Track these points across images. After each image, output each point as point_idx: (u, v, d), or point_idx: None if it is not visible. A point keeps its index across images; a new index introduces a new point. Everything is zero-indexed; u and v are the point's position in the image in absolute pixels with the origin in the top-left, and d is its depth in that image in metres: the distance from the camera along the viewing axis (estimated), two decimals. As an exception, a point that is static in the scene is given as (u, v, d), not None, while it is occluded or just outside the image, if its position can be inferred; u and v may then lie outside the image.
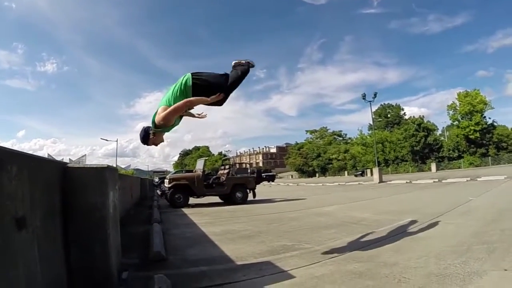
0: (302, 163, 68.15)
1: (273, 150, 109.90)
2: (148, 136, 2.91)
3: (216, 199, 12.51)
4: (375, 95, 29.80)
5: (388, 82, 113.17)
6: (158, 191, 18.74)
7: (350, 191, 16.64)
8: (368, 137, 53.28)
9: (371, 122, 41.22)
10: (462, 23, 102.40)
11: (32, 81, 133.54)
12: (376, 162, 30.87)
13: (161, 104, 2.90)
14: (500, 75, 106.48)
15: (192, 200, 11.52)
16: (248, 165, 14.59)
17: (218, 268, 3.29)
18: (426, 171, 39.75)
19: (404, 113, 58.14)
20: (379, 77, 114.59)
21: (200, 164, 12.52)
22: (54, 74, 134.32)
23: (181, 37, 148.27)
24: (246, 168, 13.60)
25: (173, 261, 3.63)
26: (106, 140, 45.86)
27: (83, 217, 2.13)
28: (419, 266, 2.94)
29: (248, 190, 12.24)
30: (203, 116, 3.54)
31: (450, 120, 46.18)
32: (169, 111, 2.77)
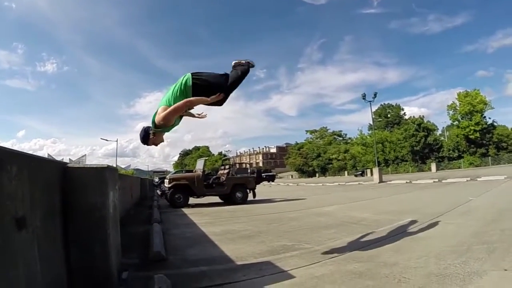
0: (302, 163, 68.15)
1: (273, 150, 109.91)
2: (148, 136, 2.91)
3: (216, 199, 12.51)
4: (375, 95, 29.85)
5: (388, 82, 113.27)
6: (158, 191, 18.74)
7: (350, 191, 16.64)
8: (368, 137, 53.29)
9: (371, 122, 41.27)
10: (462, 23, 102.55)
11: (32, 81, 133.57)
12: (376, 162, 30.88)
13: (161, 104, 2.90)
14: (500, 75, 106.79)
15: (192, 200, 11.53)
16: (248, 165, 14.57)
17: (218, 268, 3.29)
18: (426, 171, 39.75)
19: (404, 113, 58.24)
20: (379, 77, 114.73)
21: (200, 164, 12.52)
22: (54, 74, 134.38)
23: (181, 37, 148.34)
24: (246, 168, 13.60)
25: (173, 261, 3.63)
26: (106, 140, 45.91)
27: (83, 217, 2.13)
28: (419, 266, 2.94)
29: (248, 190, 12.24)
30: (203, 116, 3.54)
31: (450, 120, 46.27)
32: (169, 111, 2.76)
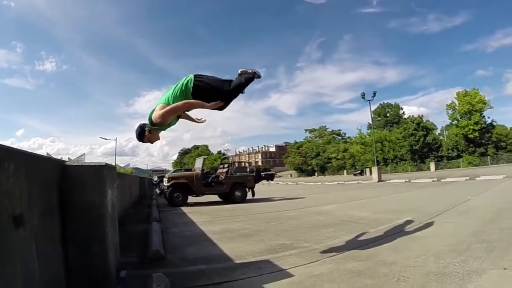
0: (301, 162, 68.15)
1: (272, 149, 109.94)
2: (144, 133, 2.90)
3: (215, 198, 12.51)
4: (374, 94, 29.78)
5: (387, 81, 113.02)
6: (157, 190, 18.76)
7: (349, 190, 16.66)
8: (367, 136, 53.28)
9: (370, 121, 41.33)
10: (461, 22, 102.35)
11: (31, 80, 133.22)
12: (375, 161, 30.89)
13: (159, 102, 2.89)
14: (499, 75, 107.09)
15: (191, 199, 11.53)
16: (247, 164, 14.52)
17: (216, 266, 3.28)
18: (425, 170, 39.78)
19: (403, 112, 58.18)
20: (379, 76, 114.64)
21: (199, 163, 12.52)
22: (53, 73, 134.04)
23: (181, 36, 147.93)
24: (245, 167, 13.57)
25: (171, 259, 3.62)
26: (105, 139, 45.48)
27: (81, 215, 2.12)
28: (418, 265, 2.94)
29: (247, 189, 12.24)
30: (202, 121, 3.50)
31: (449, 119, 46.22)
32: (166, 110, 2.75)
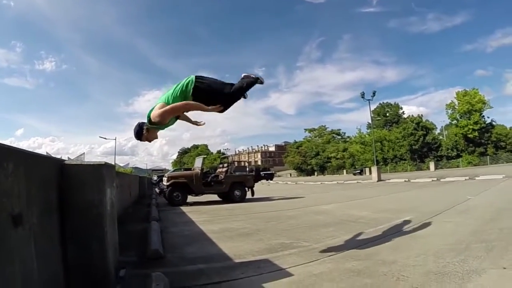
0: (301, 161, 68.18)
1: (271, 149, 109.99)
2: (142, 131, 2.89)
3: (215, 197, 12.51)
4: (374, 93, 29.76)
5: (387, 81, 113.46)
6: (157, 189, 18.77)
7: (349, 190, 16.67)
8: (366, 135, 53.30)
9: (370, 121, 41.25)
10: (461, 22, 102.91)
11: (31, 79, 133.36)
12: (375, 160, 30.87)
13: (159, 101, 2.89)
14: (499, 75, 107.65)
15: (190, 198, 11.52)
16: (246, 163, 14.51)
17: (216, 266, 3.28)
18: (424, 170, 39.84)
19: (403, 112, 58.27)
20: (378, 75, 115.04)
21: (198, 162, 12.51)
22: (53, 73, 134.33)
23: (180, 35, 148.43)
24: (244, 166, 13.56)
25: (171, 259, 3.62)
26: (105, 138, 45.39)
27: (80, 214, 2.11)
28: (417, 264, 2.93)
29: (246, 189, 12.22)
30: (201, 125, 3.49)
31: (448, 119, 46.33)
32: (165, 110, 2.75)
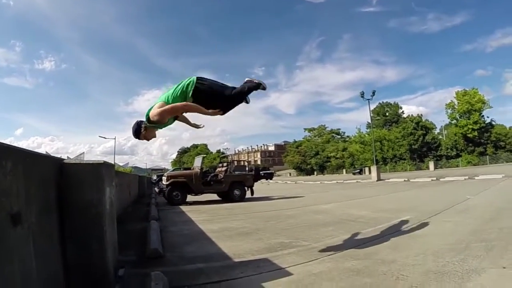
0: (300, 161, 68.18)
1: (271, 148, 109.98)
2: (140, 129, 2.90)
3: (214, 197, 12.51)
4: (374, 93, 29.72)
5: (386, 81, 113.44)
6: (156, 189, 18.78)
7: (348, 189, 16.67)
8: (366, 135, 53.34)
9: (370, 121, 41.28)
10: (461, 22, 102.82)
11: (30, 79, 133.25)
12: (374, 160, 30.85)
13: (159, 100, 2.89)
14: (499, 74, 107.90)
15: (190, 198, 11.52)
16: (246, 163, 14.45)
17: (215, 265, 3.28)
18: (424, 169, 39.87)
19: (403, 111, 58.27)
20: (378, 75, 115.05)
21: (198, 162, 12.51)
22: (52, 72, 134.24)
23: (180, 35, 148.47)
24: (244, 165, 13.53)
25: (170, 258, 3.62)
26: (104, 138, 45.42)
27: (79, 213, 2.11)
28: (417, 263, 2.93)
29: (246, 188, 12.23)
30: (200, 127, 3.48)
31: (448, 118, 46.39)
32: (164, 109, 2.75)
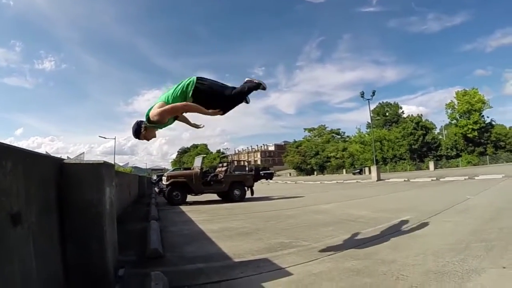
0: (300, 161, 68.17)
1: (271, 148, 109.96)
2: (140, 129, 2.90)
3: (214, 197, 12.51)
4: (374, 93, 29.71)
5: (386, 81, 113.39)
6: (156, 189, 18.78)
7: (348, 189, 16.67)
8: (366, 135, 53.33)
9: (370, 121, 41.27)
10: (461, 22, 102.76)
11: (30, 78, 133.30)
12: (374, 160, 30.84)
13: (159, 100, 2.89)
14: (499, 74, 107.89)
15: (190, 198, 11.52)
16: (246, 162, 14.42)
17: (215, 265, 3.28)
18: (424, 169, 39.86)
19: (403, 111, 58.25)
20: (378, 75, 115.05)
21: (198, 162, 12.50)
22: (52, 72, 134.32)
23: (180, 35, 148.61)
24: (244, 165, 13.53)
25: (170, 258, 3.62)
26: (104, 137, 45.45)
27: (79, 213, 2.11)
28: (417, 263, 2.93)
29: (246, 188, 12.22)
30: (200, 128, 3.47)
31: (448, 118, 46.39)
32: (164, 109, 2.75)
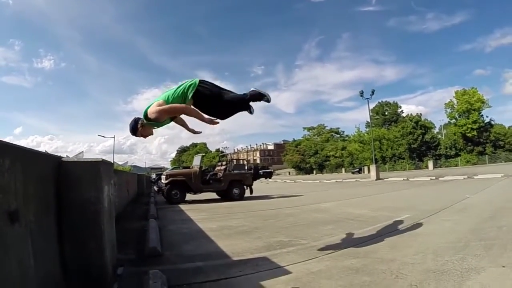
0: (300, 160, 68.17)
1: (270, 147, 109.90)
2: (137, 126, 2.89)
3: (213, 195, 12.51)
4: (373, 92, 29.63)
5: (385, 80, 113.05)
6: (155, 188, 18.75)
7: (347, 188, 16.68)
8: (365, 134, 53.28)
9: (369, 120, 41.25)
10: (460, 21, 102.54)
11: (29, 77, 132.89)
12: (373, 159, 30.91)
13: (159, 98, 2.88)
14: (498, 74, 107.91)
15: (189, 196, 11.51)
16: (245, 161, 14.38)
17: (214, 263, 3.28)
18: (423, 168, 39.91)
19: (402, 110, 58.21)
20: (377, 74, 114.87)
21: (197, 160, 12.50)
22: (51, 71, 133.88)
23: (180, 34, 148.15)
24: (243, 164, 13.51)
25: (169, 256, 3.61)
26: (104, 136, 45.63)
27: (77, 211, 2.10)
28: (416, 262, 2.93)
29: (245, 187, 12.22)
30: (198, 133, 3.46)
31: (447, 118, 46.43)
32: (163, 108, 2.74)
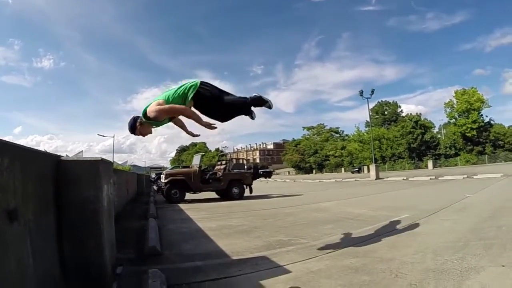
0: (299, 159, 68.20)
1: (270, 147, 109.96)
2: (135, 125, 2.90)
3: (213, 195, 12.51)
4: (373, 92, 29.62)
5: (385, 79, 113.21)
6: (155, 187, 18.73)
7: (347, 188, 16.69)
8: (365, 134, 53.30)
9: (368, 119, 41.28)
10: (460, 21, 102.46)
11: (29, 77, 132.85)
12: (373, 159, 30.95)
13: (159, 97, 2.88)
14: (498, 74, 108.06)
15: (188, 196, 11.51)
16: (245, 161, 14.38)
17: (213, 263, 3.27)
18: (422, 168, 40.01)
19: (401, 110, 58.28)
20: (377, 74, 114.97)
21: (196, 160, 12.50)
22: (51, 70, 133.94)
23: (179, 33, 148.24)
24: (242, 163, 13.50)
25: (168, 256, 3.61)
26: (103, 136, 45.72)
27: (76, 210, 2.09)
28: (416, 261, 2.93)
29: (244, 186, 12.22)
30: (196, 136, 3.45)
31: (447, 117, 46.51)
32: (163, 108, 2.75)
